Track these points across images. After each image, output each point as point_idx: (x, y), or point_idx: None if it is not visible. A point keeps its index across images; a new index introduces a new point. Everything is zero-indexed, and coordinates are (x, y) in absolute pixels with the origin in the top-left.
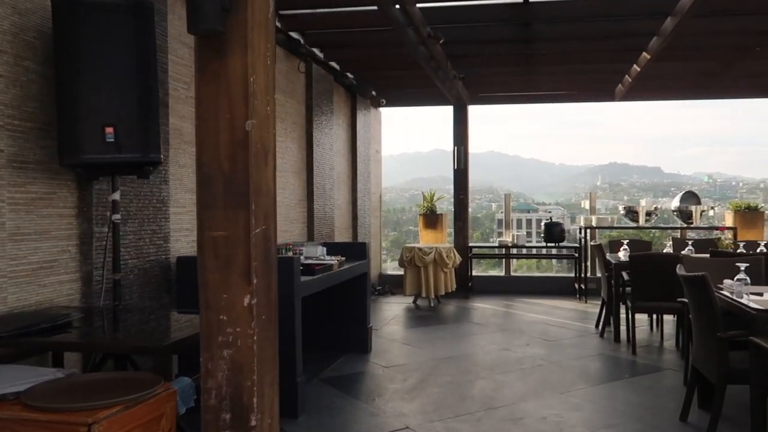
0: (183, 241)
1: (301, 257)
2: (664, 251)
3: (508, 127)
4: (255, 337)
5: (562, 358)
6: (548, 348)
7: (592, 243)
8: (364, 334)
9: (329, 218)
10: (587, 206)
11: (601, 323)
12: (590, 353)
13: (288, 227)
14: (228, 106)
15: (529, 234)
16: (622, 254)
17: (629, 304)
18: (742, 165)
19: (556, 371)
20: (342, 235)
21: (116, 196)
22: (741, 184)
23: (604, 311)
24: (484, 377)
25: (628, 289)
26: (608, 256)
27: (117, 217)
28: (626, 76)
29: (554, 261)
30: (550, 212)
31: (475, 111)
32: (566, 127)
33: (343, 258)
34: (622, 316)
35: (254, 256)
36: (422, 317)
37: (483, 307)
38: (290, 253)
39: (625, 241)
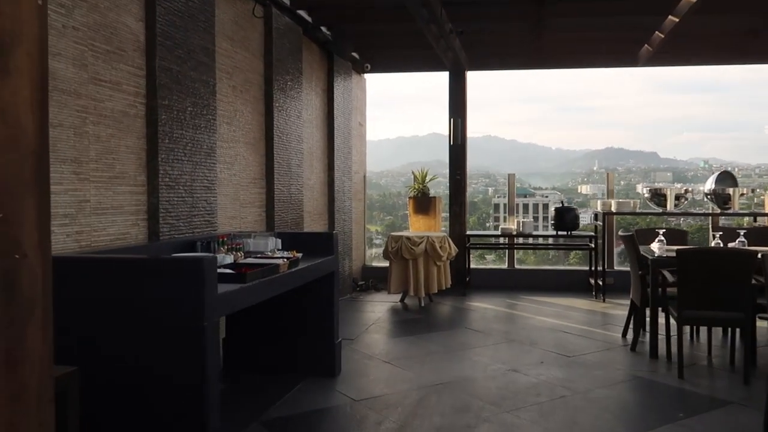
0: None
1: (231, 257)
2: (713, 244)
3: (504, 112)
4: None
5: (588, 384)
6: (568, 368)
7: (621, 232)
8: (330, 351)
9: (296, 201)
10: (584, 191)
11: (629, 332)
12: (624, 377)
13: (237, 212)
14: None
15: (534, 219)
16: (657, 247)
17: (673, 313)
18: (737, 150)
19: (585, 408)
20: (315, 222)
21: None
22: (737, 170)
23: (632, 317)
24: (489, 419)
25: (666, 290)
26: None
27: None
28: (656, 33)
29: (560, 252)
30: (546, 197)
31: (471, 91)
32: (563, 111)
33: (299, 255)
34: (660, 322)
35: None
36: (410, 322)
37: (483, 307)
38: (223, 248)
39: (661, 231)
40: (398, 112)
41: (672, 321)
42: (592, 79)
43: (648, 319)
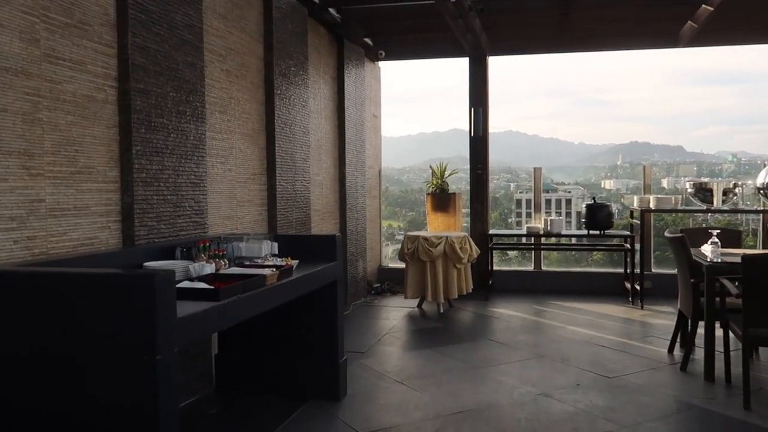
0: None
1: (212, 266)
2: None
3: (525, 106)
4: None
5: (636, 415)
6: (609, 393)
7: (669, 233)
8: (334, 372)
9: (302, 199)
10: (608, 186)
11: (676, 347)
12: (677, 406)
13: (233, 212)
14: None
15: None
16: (710, 250)
17: (736, 330)
18: (765, 144)
19: None
20: (324, 221)
21: None
22: (766, 163)
23: (680, 330)
24: None
25: (725, 301)
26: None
27: None
28: (703, 6)
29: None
30: (569, 192)
31: (491, 84)
32: (586, 105)
33: (294, 262)
34: (716, 333)
35: None
36: (427, 331)
37: (507, 314)
38: (203, 255)
39: (715, 232)
40: (419, 108)
41: (730, 335)
42: (614, 71)
43: (700, 334)
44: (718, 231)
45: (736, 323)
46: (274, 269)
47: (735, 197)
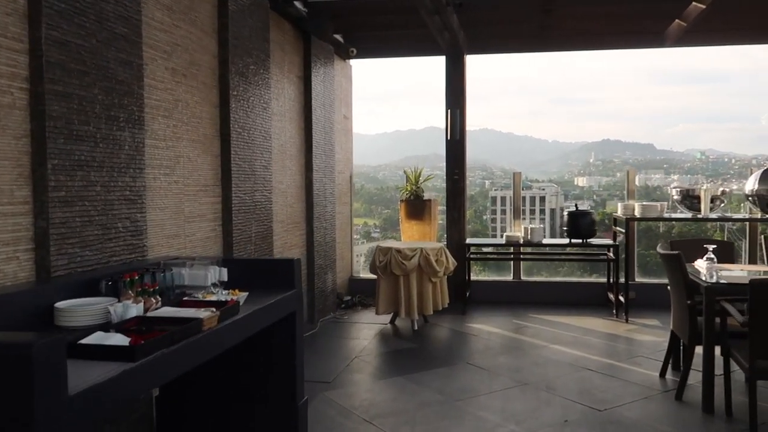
0: None
1: (138, 306)
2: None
3: (500, 104)
4: None
5: None
6: (601, 431)
7: (662, 248)
8: (291, 417)
9: (263, 210)
10: (582, 183)
11: (669, 369)
12: None
13: (180, 229)
14: None
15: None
16: (706, 266)
17: (741, 361)
18: (733, 141)
19: None
20: (289, 233)
21: None
22: (734, 161)
23: (671, 353)
24: None
25: (726, 325)
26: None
27: None
28: (693, 4)
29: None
30: (543, 189)
31: (468, 81)
32: (560, 103)
33: (241, 296)
34: (715, 358)
35: None
36: (400, 353)
37: (487, 331)
38: (130, 292)
39: (711, 247)
40: (395, 106)
41: (730, 360)
42: (589, 69)
43: (694, 359)
44: (714, 246)
45: (739, 351)
46: (214, 310)
47: (723, 204)
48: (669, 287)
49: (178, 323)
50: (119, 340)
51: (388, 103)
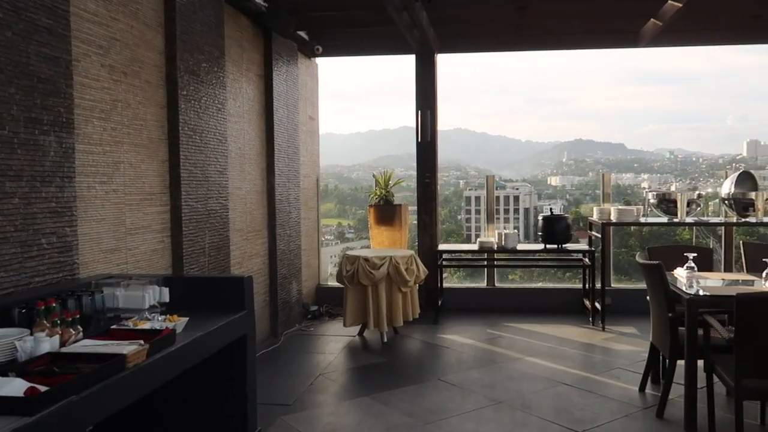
0: None
1: (53, 340)
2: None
3: (474, 104)
4: None
5: None
6: None
7: (641, 258)
8: None
9: (219, 219)
10: (555, 182)
11: (648, 383)
12: None
13: (122, 243)
14: None
15: (509, 225)
16: (686, 275)
17: (726, 380)
18: (701, 141)
19: None
20: (249, 242)
21: None
22: (701, 160)
23: (651, 366)
24: None
25: (710, 338)
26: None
27: None
28: (669, 2)
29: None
30: (517, 189)
31: (441, 81)
32: (533, 103)
33: (180, 322)
34: (696, 375)
35: None
36: (368, 369)
37: (459, 342)
38: (45, 322)
39: (691, 255)
40: (368, 105)
41: (713, 375)
42: (561, 70)
43: (675, 374)
44: (695, 255)
45: (724, 367)
46: (142, 343)
47: (699, 208)
48: (648, 297)
49: (98, 360)
50: (16, 387)
51: (361, 102)
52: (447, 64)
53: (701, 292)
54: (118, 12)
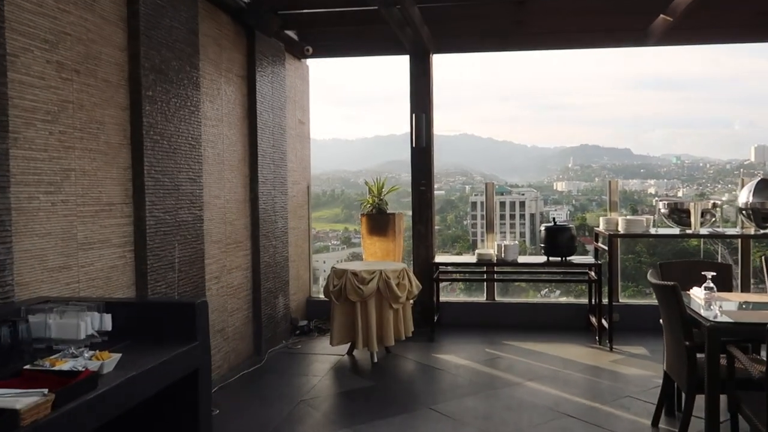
0: None
1: None
2: None
3: (480, 110)
4: None
5: None
6: None
7: (654, 276)
8: None
9: (191, 230)
10: (560, 188)
11: (662, 416)
12: None
13: (72, 259)
14: None
15: (515, 231)
16: (704, 296)
17: (757, 424)
18: (707, 146)
19: None
20: (229, 255)
21: None
22: (708, 166)
23: (665, 398)
24: None
25: (735, 369)
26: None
27: None
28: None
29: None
30: (523, 194)
31: (446, 89)
32: (539, 109)
33: (112, 358)
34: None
35: None
36: (355, 395)
37: (455, 363)
38: None
39: (710, 274)
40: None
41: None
42: (567, 75)
43: (695, 406)
44: (714, 274)
45: (751, 405)
46: (45, 392)
47: (714, 219)
48: (662, 321)
49: None
50: None
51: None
52: (452, 69)
53: (723, 318)
54: (68, 3)
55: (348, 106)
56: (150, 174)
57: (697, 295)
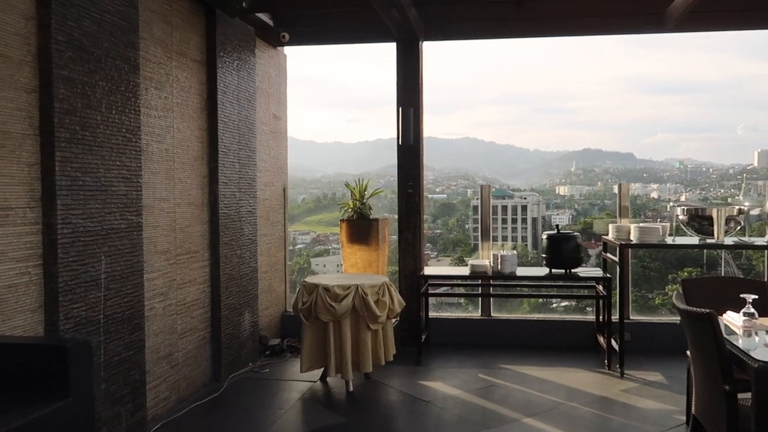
0: None
1: None
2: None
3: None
4: None
5: None
6: None
7: (679, 301)
8: None
9: (126, 240)
10: (563, 192)
11: None
12: None
13: None
14: None
15: (516, 236)
16: (743, 325)
17: None
18: (710, 151)
19: None
20: (180, 267)
21: None
22: (711, 170)
23: None
24: None
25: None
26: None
27: None
28: None
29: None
30: (525, 198)
31: (446, 91)
32: (542, 113)
33: None
34: None
35: None
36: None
37: (443, 394)
38: None
39: (750, 298)
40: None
41: None
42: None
43: None
44: (756, 297)
45: None
46: None
47: (739, 227)
48: (689, 352)
49: None
50: None
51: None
52: (452, 70)
53: None
54: None
55: (350, 109)
56: (64, 171)
57: (734, 320)
